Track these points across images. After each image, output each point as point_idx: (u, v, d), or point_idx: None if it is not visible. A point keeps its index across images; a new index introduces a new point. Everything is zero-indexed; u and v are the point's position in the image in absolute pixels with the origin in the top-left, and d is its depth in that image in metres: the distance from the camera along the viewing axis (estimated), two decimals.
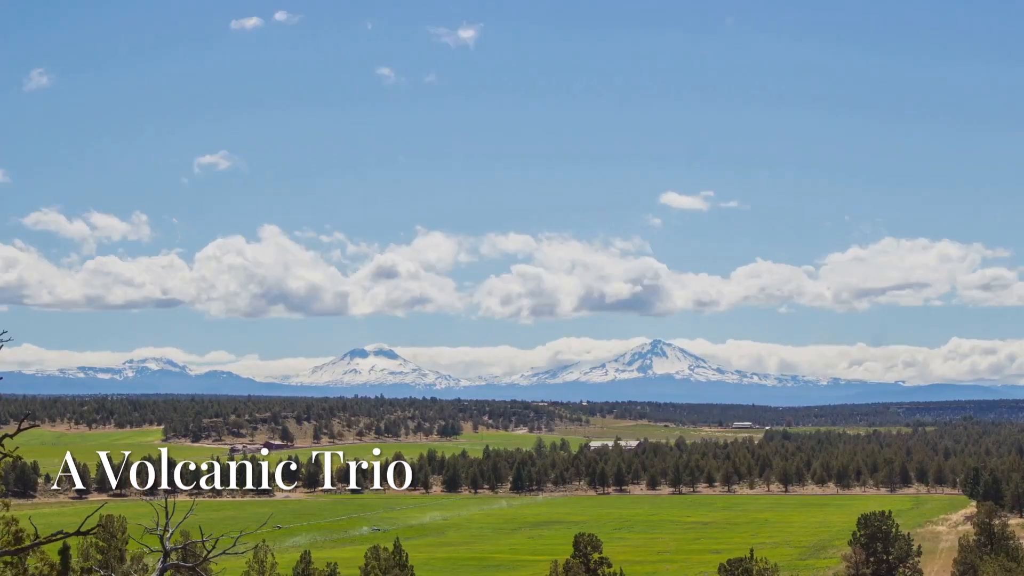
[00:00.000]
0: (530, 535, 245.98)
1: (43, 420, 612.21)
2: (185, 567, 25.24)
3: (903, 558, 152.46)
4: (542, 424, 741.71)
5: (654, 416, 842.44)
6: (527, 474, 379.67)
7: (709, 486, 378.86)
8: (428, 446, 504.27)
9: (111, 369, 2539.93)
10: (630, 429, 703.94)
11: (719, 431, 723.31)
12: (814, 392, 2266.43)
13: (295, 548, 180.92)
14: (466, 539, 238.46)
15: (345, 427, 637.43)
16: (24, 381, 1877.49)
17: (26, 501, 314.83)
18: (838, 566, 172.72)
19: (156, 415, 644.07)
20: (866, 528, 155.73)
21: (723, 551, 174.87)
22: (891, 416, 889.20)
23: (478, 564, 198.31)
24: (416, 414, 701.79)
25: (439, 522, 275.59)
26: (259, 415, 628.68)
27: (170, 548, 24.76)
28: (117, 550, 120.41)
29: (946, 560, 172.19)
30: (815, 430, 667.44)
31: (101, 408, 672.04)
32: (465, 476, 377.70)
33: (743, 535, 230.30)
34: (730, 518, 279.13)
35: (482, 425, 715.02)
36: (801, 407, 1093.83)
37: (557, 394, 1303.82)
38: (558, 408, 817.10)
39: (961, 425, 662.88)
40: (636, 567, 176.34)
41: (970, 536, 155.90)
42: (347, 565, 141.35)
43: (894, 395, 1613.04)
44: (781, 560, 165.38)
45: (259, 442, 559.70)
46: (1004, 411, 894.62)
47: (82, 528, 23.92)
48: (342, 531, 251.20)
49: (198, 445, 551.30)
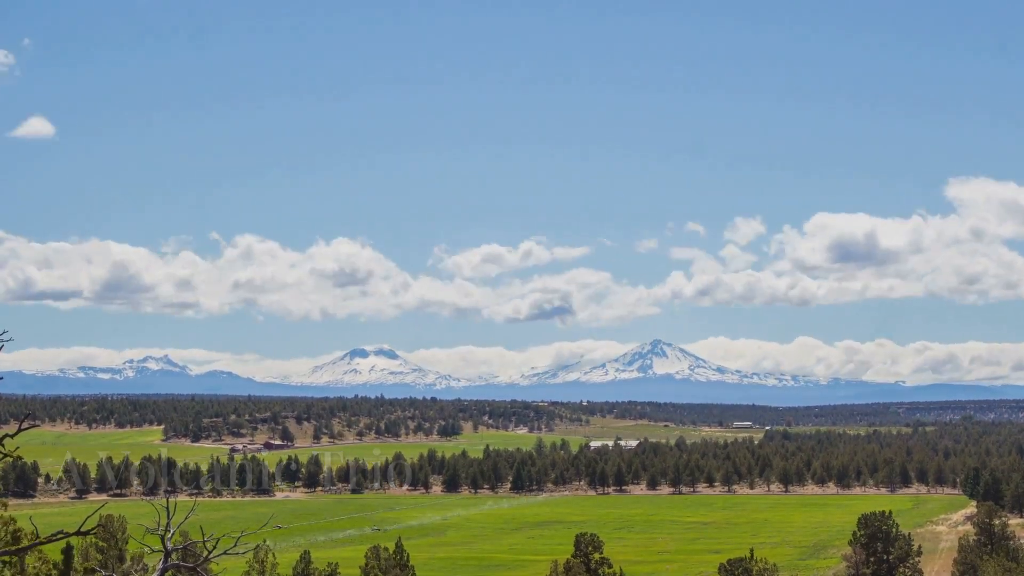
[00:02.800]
0: (530, 535, 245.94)
1: (43, 420, 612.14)
2: (186, 567, 25.24)
3: (903, 558, 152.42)
4: (542, 424, 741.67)
5: (654, 416, 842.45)
6: (527, 474, 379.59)
7: (709, 486, 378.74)
8: (428, 446, 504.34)
9: (111, 369, 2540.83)
10: (630, 429, 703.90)
11: (719, 431, 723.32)
12: (814, 392, 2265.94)
13: (295, 548, 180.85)
14: (466, 539, 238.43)
15: (345, 427, 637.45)
16: (24, 381, 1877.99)
17: (26, 501, 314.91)
18: (838, 566, 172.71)
19: (156, 415, 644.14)
20: (866, 528, 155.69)
21: (723, 551, 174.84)
22: (891, 416, 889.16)
23: (478, 564, 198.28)
24: (416, 414, 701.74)
25: (439, 522, 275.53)
26: (259, 415, 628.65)
27: (171, 548, 24.74)
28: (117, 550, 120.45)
29: (946, 560, 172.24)
30: (815, 430, 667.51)
31: (101, 408, 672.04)
32: (465, 476, 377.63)
33: (743, 535, 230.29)
34: (730, 518, 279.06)
35: (482, 425, 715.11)
36: (801, 407, 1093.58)
37: (557, 394, 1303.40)
38: (558, 408, 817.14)
39: (961, 425, 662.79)
40: (636, 567, 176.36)
41: (970, 536, 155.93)
42: (347, 565, 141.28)
43: (894, 395, 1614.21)
44: (781, 560, 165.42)
45: (259, 442, 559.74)
46: (1004, 411, 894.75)
47: (82, 528, 23.90)
48: (342, 531, 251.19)
49: (198, 445, 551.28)
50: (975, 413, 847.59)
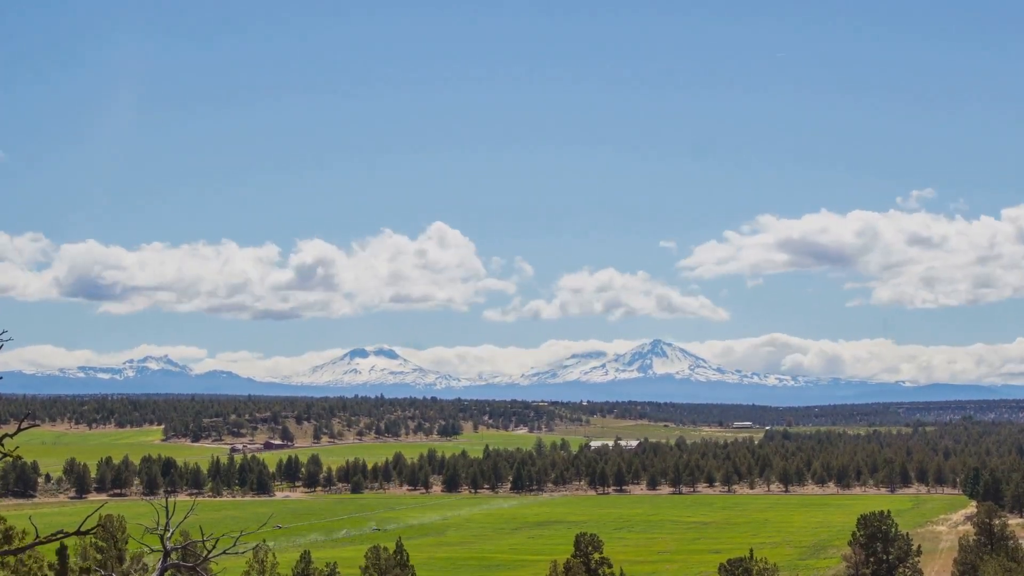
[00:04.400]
0: (530, 535, 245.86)
1: (43, 420, 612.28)
2: (185, 567, 25.21)
3: (903, 558, 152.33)
4: (542, 424, 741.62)
5: (654, 416, 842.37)
6: (527, 474, 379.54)
7: (709, 486, 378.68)
8: (428, 446, 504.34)
9: (111, 369, 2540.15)
10: (630, 429, 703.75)
11: (719, 431, 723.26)
12: (814, 392, 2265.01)
13: (295, 548, 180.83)
14: (466, 539, 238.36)
15: (345, 427, 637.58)
16: (24, 381, 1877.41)
17: (26, 501, 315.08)
18: (838, 566, 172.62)
19: (156, 415, 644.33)
20: (866, 528, 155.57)
21: (723, 551, 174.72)
22: (891, 416, 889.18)
23: (478, 564, 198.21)
24: (416, 414, 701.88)
25: (439, 522, 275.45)
26: (259, 415, 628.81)
27: (170, 548, 24.72)
28: (117, 550, 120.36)
29: (946, 560, 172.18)
30: (815, 430, 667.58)
31: (101, 408, 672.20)
32: (465, 476, 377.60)
33: (743, 535, 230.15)
34: (730, 518, 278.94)
35: (482, 425, 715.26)
36: (801, 407, 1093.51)
37: (557, 394, 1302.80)
38: (558, 408, 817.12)
39: (961, 425, 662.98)
40: (636, 567, 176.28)
41: (970, 536, 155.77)
42: (347, 565, 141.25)
43: (894, 395, 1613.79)
44: (781, 560, 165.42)
45: (259, 442, 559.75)
46: (1004, 411, 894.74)
47: (82, 528, 23.87)
48: (342, 531, 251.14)
49: (198, 445, 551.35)
50: (975, 413, 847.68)
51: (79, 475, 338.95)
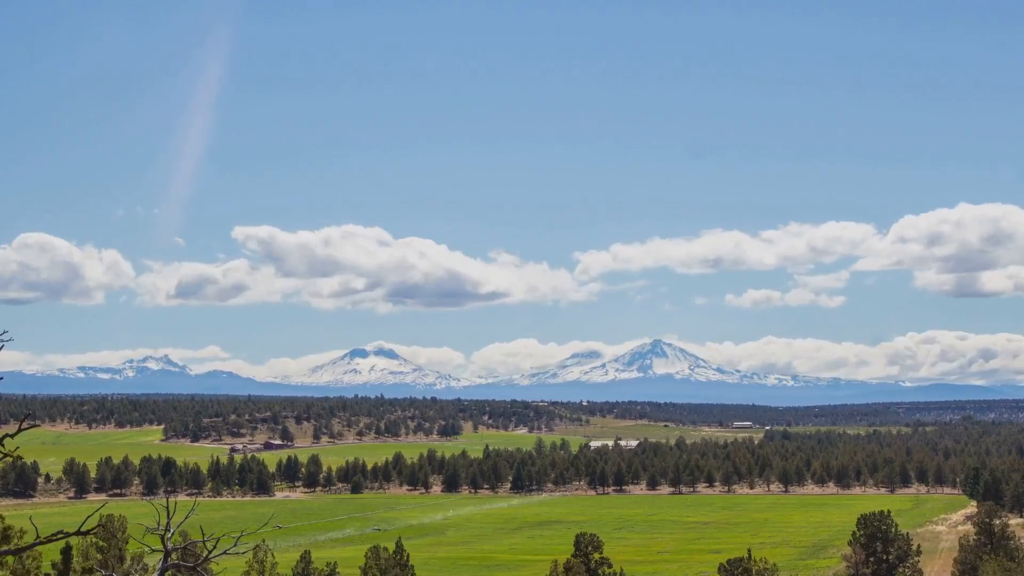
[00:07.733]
0: (530, 535, 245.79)
1: (43, 420, 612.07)
2: (186, 567, 25.24)
3: (903, 558, 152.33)
4: (542, 424, 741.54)
5: (654, 416, 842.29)
6: (527, 474, 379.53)
7: (709, 486, 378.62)
8: (428, 446, 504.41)
9: (111, 369, 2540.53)
10: (630, 429, 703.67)
11: (719, 431, 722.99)
12: (814, 392, 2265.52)
13: (295, 548, 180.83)
14: (466, 539, 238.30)
15: (345, 427, 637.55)
16: (24, 381, 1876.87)
17: (26, 501, 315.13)
18: (838, 566, 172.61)
19: (156, 415, 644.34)
20: (866, 528, 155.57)
21: (723, 551, 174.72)
22: (891, 416, 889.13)
23: (478, 564, 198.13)
24: (416, 414, 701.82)
25: (439, 522, 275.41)
26: (259, 415, 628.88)
27: (171, 548, 24.75)
28: (117, 550, 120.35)
29: (946, 560, 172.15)
30: (815, 430, 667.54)
31: (101, 408, 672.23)
32: (465, 476, 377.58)
33: (743, 535, 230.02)
34: (730, 518, 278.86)
35: (482, 425, 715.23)
36: (801, 407, 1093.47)
37: (557, 394, 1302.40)
38: (558, 408, 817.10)
39: (961, 425, 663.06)
40: (636, 567, 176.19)
41: (970, 536, 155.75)
42: (347, 565, 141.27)
43: (894, 395, 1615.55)
44: (781, 560, 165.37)
45: (259, 442, 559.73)
46: (1004, 411, 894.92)
47: (82, 528, 23.90)
48: (342, 531, 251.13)
49: (198, 445, 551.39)
50: (975, 413, 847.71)
51: (79, 475, 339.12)
